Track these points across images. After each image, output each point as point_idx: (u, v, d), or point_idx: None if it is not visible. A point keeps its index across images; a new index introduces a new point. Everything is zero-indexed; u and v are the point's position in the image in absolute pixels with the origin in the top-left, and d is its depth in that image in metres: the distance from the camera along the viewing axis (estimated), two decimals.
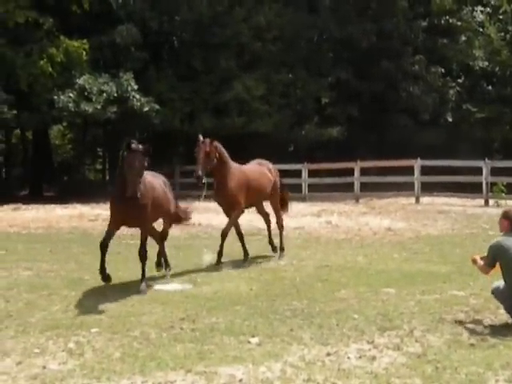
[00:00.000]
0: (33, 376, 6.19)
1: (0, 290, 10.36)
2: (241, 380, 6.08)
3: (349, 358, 6.76)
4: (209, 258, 12.65)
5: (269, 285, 10.76)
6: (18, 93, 29.40)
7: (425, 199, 26.76)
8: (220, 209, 13.62)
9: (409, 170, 27.57)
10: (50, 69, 29.64)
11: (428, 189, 27.42)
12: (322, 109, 38.48)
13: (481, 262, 8.27)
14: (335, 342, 7.35)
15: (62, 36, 30.65)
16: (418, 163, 27.18)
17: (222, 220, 20.25)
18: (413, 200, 26.65)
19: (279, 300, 9.51)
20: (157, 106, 31.65)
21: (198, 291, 10.26)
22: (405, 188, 27.90)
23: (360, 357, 6.80)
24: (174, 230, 18.29)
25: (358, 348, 7.10)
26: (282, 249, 14.01)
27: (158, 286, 10.62)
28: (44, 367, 6.47)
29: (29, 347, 7.17)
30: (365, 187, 28.61)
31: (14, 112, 28.97)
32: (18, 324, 8.22)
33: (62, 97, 29.81)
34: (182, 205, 13.24)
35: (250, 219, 20.36)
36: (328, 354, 6.87)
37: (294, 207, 23.97)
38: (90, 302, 9.31)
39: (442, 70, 37.47)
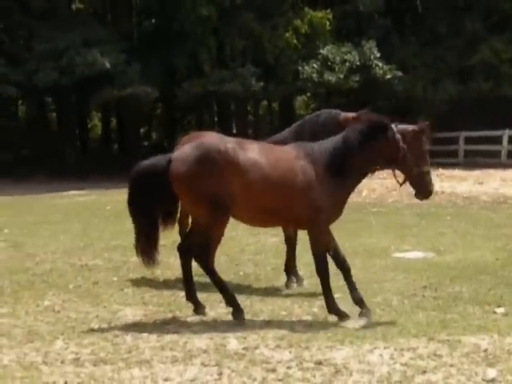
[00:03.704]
0: (280, 337, 6.45)
1: (250, 255, 10.91)
2: (485, 350, 5.93)
3: None
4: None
5: None
6: (265, 65, 30.44)
7: None
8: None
9: None
10: (295, 41, 30.43)
11: None
12: None
13: None
14: None
15: (306, 7, 31.27)
16: None
17: (467, 188, 19.89)
18: None
19: None
20: (399, 73, 31.33)
21: (441, 259, 10.12)
22: None
23: None
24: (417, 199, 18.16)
25: None
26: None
27: (399, 254, 10.60)
28: (291, 329, 6.73)
29: (276, 309, 7.49)
30: None
31: (262, 84, 30.02)
32: (266, 287, 8.64)
33: (306, 67, 30.50)
34: None
35: (495, 187, 19.71)
36: None
37: None
38: (333, 268, 9.47)
39: None
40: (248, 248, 11.64)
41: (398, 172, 7.32)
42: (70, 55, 28.06)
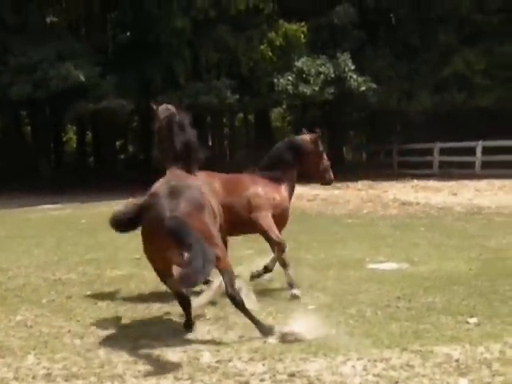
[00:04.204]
0: (254, 349, 6.45)
1: None
2: (457, 360, 5.96)
3: None
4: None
5: (489, 264, 10.42)
6: (240, 77, 30.50)
7: None
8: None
9: None
10: (270, 53, 30.54)
11: None
12: None
13: None
14: None
15: (280, 20, 31.40)
16: None
17: (441, 199, 20.03)
18: None
19: (501, 280, 9.17)
20: (374, 85, 31.51)
21: (415, 270, 10.16)
22: None
23: None
24: (392, 210, 18.30)
25: None
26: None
27: (373, 265, 10.64)
28: (264, 341, 6.70)
29: (249, 322, 7.45)
30: None
31: (237, 96, 30.07)
32: None
33: (281, 80, 30.62)
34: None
35: (470, 197, 19.88)
36: None
37: None
38: (307, 280, 9.52)
39: None
40: None
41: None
42: (44, 68, 27.91)
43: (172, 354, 6.33)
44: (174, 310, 7.53)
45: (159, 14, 29.00)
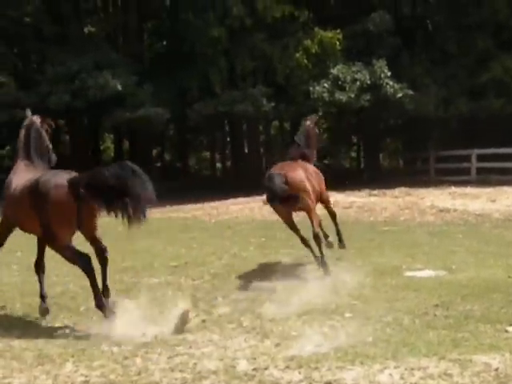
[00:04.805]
0: (290, 358, 6.42)
1: (260, 275, 10.88)
2: (497, 369, 5.89)
3: None
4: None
5: None
6: (276, 85, 30.55)
7: None
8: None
9: None
10: (306, 60, 30.52)
11: None
12: None
13: None
14: None
15: (316, 27, 31.38)
16: None
17: (479, 205, 19.84)
18: None
19: None
20: (410, 92, 31.29)
21: (453, 278, 10.07)
22: None
23: None
24: (429, 217, 18.17)
25: None
26: None
27: (410, 273, 10.57)
28: (301, 349, 6.70)
29: (286, 330, 7.47)
30: None
31: (273, 104, 30.13)
32: (277, 307, 8.58)
33: (316, 87, 30.53)
34: None
35: (508, 204, 19.66)
36: None
37: None
38: (341, 288, 9.47)
39: None
40: (258, 267, 11.61)
41: None
42: (82, 78, 28.32)
43: (208, 362, 6.34)
44: (211, 317, 7.55)
45: (195, 24, 29.23)
